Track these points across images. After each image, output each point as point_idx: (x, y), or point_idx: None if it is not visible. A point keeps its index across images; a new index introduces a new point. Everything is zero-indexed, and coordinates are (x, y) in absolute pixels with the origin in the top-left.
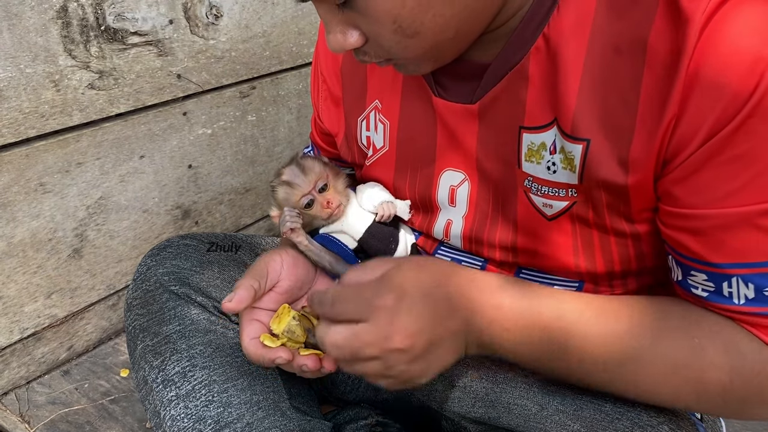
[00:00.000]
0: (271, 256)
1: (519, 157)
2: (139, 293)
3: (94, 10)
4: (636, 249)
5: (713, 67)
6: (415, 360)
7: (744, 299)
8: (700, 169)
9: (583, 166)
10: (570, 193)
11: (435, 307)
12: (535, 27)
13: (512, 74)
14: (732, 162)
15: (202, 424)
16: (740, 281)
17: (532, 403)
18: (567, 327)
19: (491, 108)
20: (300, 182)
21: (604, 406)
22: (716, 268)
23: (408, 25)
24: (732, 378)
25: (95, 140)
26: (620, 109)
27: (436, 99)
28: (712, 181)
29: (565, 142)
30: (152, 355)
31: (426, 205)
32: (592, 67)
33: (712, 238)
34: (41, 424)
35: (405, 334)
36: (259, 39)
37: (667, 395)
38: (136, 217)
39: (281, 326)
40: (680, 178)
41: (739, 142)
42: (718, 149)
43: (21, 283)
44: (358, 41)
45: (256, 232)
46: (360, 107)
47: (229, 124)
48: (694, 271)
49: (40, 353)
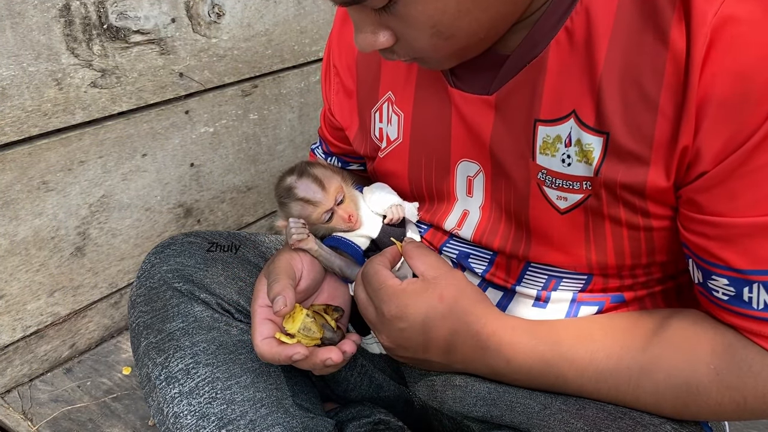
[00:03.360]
0: (291, 255)
1: (534, 149)
2: (142, 290)
3: (96, 8)
4: (648, 243)
5: (732, 74)
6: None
7: (763, 305)
8: (726, 180)
9: (603, 159)
10: (585, 185)
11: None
12: (557, 20)
13: (531, 66)
14: (759, 171)
15: (206, 421)
16: (761, 287)
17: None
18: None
19: (508, 99)
20: (321, 198)
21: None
22: (739, 274)
23: (445, 29)
24: (746, 397)
25: (98, 138)
26: (643, 104)
27: (452, 89)
28: (738, 191)
29: (584, 134)
30: (156, 352)
31: (442, 195)
32: (614, 60)
33: (738, 245)
34: (44, 421)
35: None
36: (261, 37)
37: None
38: (138, 216)
39: (296, 325)
40: (705, 188)
41: (764, 151)
42: (744, 159)
43: (24, 281)
44: (389, 41)
45: (258, 230)
46: (373, 99)
47: (231, 122)
48: (715, 276)
49: (42, 351)
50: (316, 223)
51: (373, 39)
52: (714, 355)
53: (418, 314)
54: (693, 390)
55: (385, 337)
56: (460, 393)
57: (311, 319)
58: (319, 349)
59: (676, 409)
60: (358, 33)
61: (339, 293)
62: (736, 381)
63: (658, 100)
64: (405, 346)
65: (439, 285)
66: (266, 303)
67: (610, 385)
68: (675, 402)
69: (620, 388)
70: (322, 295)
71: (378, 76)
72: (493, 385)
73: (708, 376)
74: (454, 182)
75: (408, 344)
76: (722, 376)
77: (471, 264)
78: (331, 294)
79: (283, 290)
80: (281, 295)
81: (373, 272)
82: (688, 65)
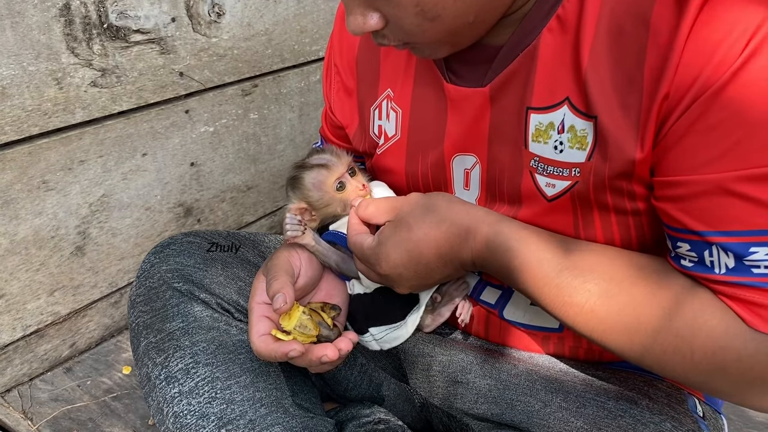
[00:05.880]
0: (289, 253)
1: (526, 137)
2: (142, 290)
3: (96, 7)
4: (637, 227)
5: (703, 36)
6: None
7: (725, 268)
8: (683, 137)
9: (595, 143)
10: (573, 172)
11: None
12: (549, 8)
13: (523, 55)
14: (711, 130)
15: (205, 421)
16: (720, 250)
17: (535, 400)
18: None
19: (502, 90)
20: (335, 164)
21: (607, 404)
22: (697, 236)
23: (430, 9)
24: (693, 350)
25: (98, 138)
26: (627, 87)
27: (447, 85)
28: (692, 148)
29: (577, 120)
30: (155, 351)
31: (439, 190)
32: (601, 45)
33: (693, 204)
34: (44, 421)
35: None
36: (261, 37)
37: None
38: (138, 215)
39: (292, 322)
40: (667, 147)
41: (717, 110)
42: (698, 116)
43: (24, 280)
44: (378, 24)
45: (258, 229)
46: (373, 96)
47: (231, 122)
48: (680, 242)
49: (42, 350)
50: (327, 191)
51: (363, 21)
52: (673, 301)
53: (401, 255)
54: (641, 327)
55: (401, 287)
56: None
57: (307, 317)
58: (314, 346)
59: (622, 341)
60: (348, 15)
61: (336, 291)
62: (686, 331)
63: (642, 80)
64: (418, 283)
65: (402, 218)
66: (264, 300)
67: (564, 294)
68: (622, 333)
69: (574, 299)
70: (319, 293)
71: (377, 73)
72: (494, 383)
73: (659, 318)
74: (451, 176)
75: (419, 279)
76: (673, 322)
77: None
78: (328, 292)
79: (282, 288)
80: (281, 293)
81: (352, 244)
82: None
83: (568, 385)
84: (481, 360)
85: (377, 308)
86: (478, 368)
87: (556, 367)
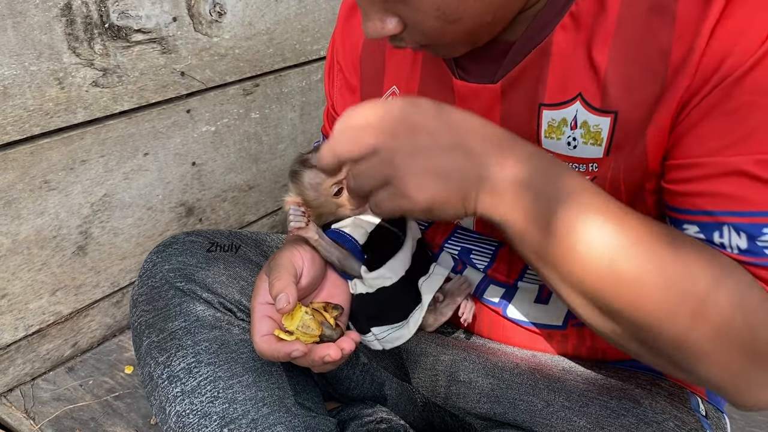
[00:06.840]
0: (292, 252)
1: (539, 134)
2: (144, 289)
3: (98, 7)
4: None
5: (727, 28)
6: (416, 154)
7: (737, 249)
8: (700, 121)
9: (611, 139)
10: (591, 167)
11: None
12: (562, 6)
13: (536, 51)
14: (731, 114)
15: (208, 420)
16: (732, 230)
17: (537, 399)
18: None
19: (513, 86)
20: None
21: (609, 402)
22: (709, 216)
23: (451, 12)
24: (735, 314)
25: (99, 138)
26: (651, 81)
27: (456, 81)
28: (710, 132)
29: (590, 116)
30: (158, 351)
31: None
32: (622, 41)
33: (707, 186)
34: (46, 420)
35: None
36: (262, 36)
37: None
38: (140, 215)
39: (294, 322)
40: (683, 131)
41: (737, 95)
42: (718, 101)
43: (26, 280)
44: (397, 28)
45: (259, 229)
46: (377, 93)
47: (232, 121)
48: (686, 224)
49: (44, 350)
50: (325, 195)
51: (381, 26)
52: (719, 263)
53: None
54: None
55: (397, 174)
56: (463, 389)
57: (310, 317)
58: (317, 346)
59: (661, 278)
60: (366, 21)
61: (339, 291)
62: (735, 298)
63: (666, 72)
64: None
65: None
66: (266, 300)
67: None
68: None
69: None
70: (322, 292)
71: (382, 71)
72: (497, 382)
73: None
74: None
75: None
76: (718, 279)
77: (473, 260)
78: (330, 292)
79: (285, 288)
80: (284, 293)
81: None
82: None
83: (570, 384)
84: (484, 359)
85: (379, 308)
86: (481, 367)
87: (558, 366)
